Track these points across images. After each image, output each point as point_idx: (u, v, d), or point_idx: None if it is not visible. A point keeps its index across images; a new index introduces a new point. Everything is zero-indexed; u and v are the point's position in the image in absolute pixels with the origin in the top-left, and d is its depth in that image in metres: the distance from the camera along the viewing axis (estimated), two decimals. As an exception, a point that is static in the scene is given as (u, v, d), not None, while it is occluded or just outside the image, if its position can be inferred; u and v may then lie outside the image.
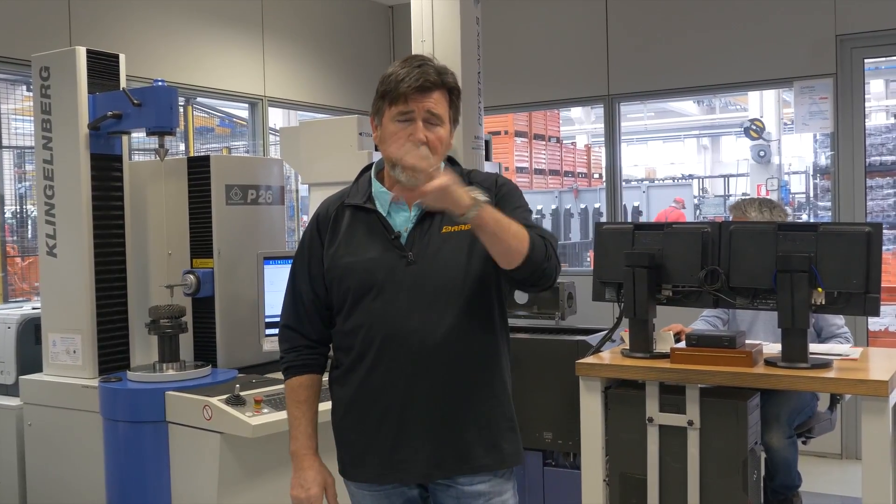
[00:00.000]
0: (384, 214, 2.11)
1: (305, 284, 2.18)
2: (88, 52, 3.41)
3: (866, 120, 5.66)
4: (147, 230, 3.64)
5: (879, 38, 5.41)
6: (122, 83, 3.50)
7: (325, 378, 2.22)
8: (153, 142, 3.45)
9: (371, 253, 2.07)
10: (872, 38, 5.41)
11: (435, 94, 2.05)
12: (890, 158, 10.10)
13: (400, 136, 2.04)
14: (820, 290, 2.80)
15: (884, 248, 3.41)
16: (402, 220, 2.10)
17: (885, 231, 9.70)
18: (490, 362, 2.11)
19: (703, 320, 3.92)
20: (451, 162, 2.22)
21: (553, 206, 13.02)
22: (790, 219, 5.51)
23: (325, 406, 2.19)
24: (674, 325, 3.53)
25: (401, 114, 2.04)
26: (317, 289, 2.16)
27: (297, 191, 8.54)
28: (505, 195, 2.15)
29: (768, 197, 6.32)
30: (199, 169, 3.49)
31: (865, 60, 5.51)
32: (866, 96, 5.71)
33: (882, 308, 2.97)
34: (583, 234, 12.60)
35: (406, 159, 1.88)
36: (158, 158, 3.43)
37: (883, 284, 2.79)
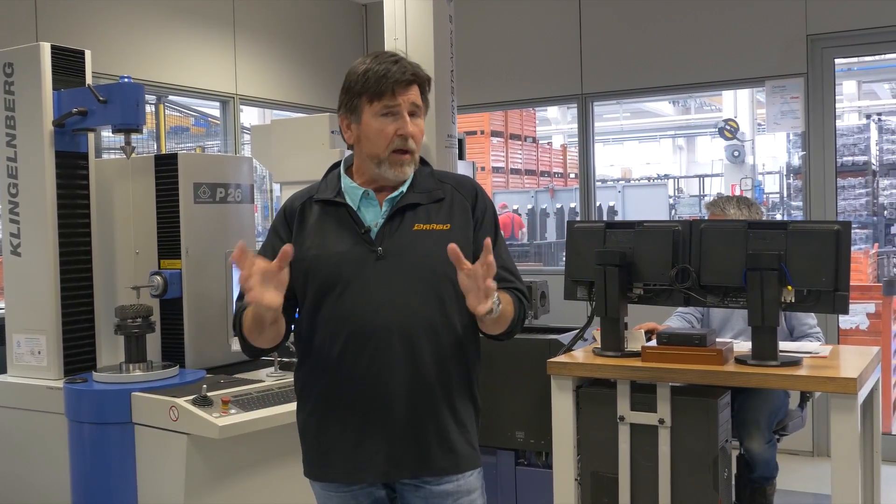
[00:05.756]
0: (354, 209, 2.08)
1: None
2: (53, 48, 3.35)
3: (839, 120, 5.70)
4: (114, 229, 3.58)
5: (849, 38, 5.45)
6: (88, 79, 3.44)
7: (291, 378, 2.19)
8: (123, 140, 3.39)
9: (340, 247, 2.05)
10: (842, 38, 5.45)
11: (415, 87, 2.07)
12: (862, 158, 10.20)
13: (388, 131, 2.04)
14: (790, 287, 2.81)
15: (854, 246, 3.44)
16: (373, 216, 2.08)
17: (856, 230, 9.82)
18: (457, 362, 2.08)
19: (679, 316, 3.93)
20: (422, 162, 2.20)
21: (529, 206, 13.03)
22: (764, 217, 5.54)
23: (291, 407, 2.16)
24: (647, 324, 3.53)
25: (386, 108, 2.04)
26: None
27: (271, 190, 8.49)
28: (485, 221, 2.15)
29: (745, 196, 6.36)
30: (166, 167, 3.45)
31: (836, 60, 5.55)
32: (839, 97, 5.74)
33: (852, 306, 2.99)
34: (558, 233, 12.63)
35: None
36: (125, 156, 3.39)
37: (853, 283, 2.81)
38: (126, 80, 3.30)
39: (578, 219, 7.06)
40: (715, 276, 2.95)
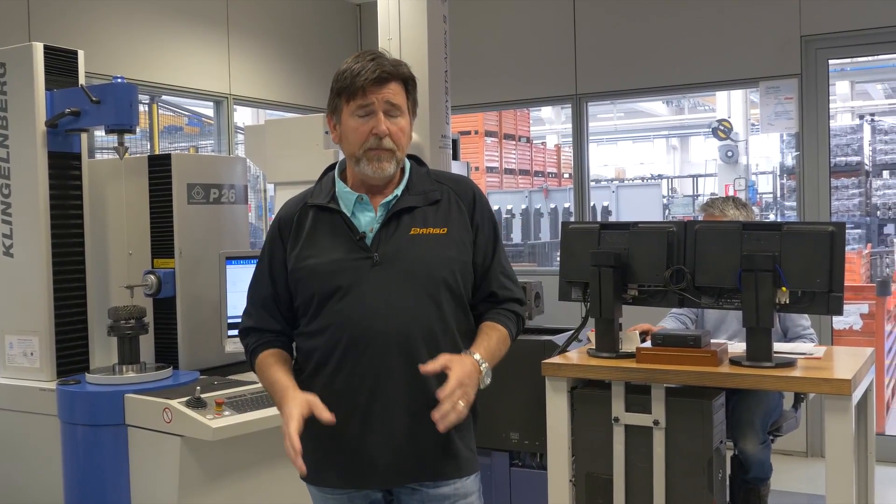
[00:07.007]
0: (348, 215, 2.07)
1: (267, 288, 2.14)
2: (46, 48, 3.34)
3: (832, 121, 5.70)
4: (107, 230, 3.57)
5: (843, 39, 5.46)
6: (81, 80, 3.43)
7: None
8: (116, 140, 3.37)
9: (335, 254, 2.04)
10: (836, 39, 5.46)
11: (392, 85, 2.04)
12: (855, 159, 10.24)
13: (362, 130, 2.02)
14: (784, 289, 2.80)
15: (847, 247, 3.44)
16: (368, 221, 2.07)
17: (849, 230, 9.85)
18: None
19: (673, 318, 3.93)
20: (417, 162, 2.19)
21: (523, 206, 13.03)
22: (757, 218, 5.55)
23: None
24: (641, 325, 3.53)
25: (360, 107, 2.02)
26: (279, 291, 2.12)
27: (264, 190, 8.47)
28: (484, 227, 2.14)
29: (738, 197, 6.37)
30: (160, 167, 3.43)
31: (830, 61, 5.56)
32: (832, 97, 5.76)
33: (846, 307, 2.99)
34: (552, 233, 12.62)
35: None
36: (118, 157, 3.37)
37: (847, 283, 2.80)
38: (119, 80, 3.29)
39: (572, 219, 7.06)
40: (709, 278, 2.95)
